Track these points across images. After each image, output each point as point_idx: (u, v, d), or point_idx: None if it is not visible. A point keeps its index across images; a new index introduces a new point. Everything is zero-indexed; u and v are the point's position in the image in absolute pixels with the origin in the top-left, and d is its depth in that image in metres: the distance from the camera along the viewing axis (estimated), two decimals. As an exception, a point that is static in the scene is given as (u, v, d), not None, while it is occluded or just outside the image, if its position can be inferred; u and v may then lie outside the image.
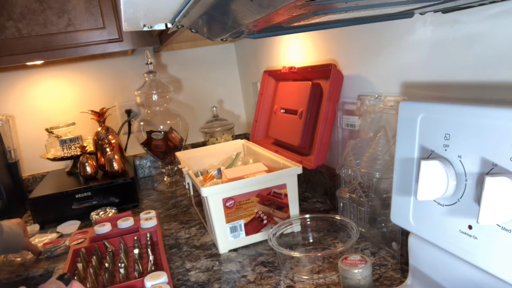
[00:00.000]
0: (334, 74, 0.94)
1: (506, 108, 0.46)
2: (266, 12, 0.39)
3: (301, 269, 0.79)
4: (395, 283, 0.70)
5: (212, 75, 1.79)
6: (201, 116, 1.75)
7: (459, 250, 0.53)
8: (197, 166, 1.25)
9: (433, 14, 0.65)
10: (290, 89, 1.18)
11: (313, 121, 1.05)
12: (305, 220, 0.92)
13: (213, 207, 0.88)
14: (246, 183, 0.90)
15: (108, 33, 1.34)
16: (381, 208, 0.80)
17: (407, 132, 0.61)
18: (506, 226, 0.46)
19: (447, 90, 0.66)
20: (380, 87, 0.84)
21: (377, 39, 0.82)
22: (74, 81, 1.63)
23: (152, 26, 0.60)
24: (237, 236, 0.91)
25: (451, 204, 0.54)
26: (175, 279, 0.83)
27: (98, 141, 1.44)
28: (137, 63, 1.67)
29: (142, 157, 1.72)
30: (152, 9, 0.51)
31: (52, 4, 1.26)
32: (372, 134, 0.82)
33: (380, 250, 0.82)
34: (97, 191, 1.29)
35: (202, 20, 0.52)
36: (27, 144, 1.61)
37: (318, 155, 0.99)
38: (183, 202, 1.33)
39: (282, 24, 0.50)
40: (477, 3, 0.55)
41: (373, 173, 0.79)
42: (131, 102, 1.68)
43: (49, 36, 1.28)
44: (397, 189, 0.64)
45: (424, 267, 0.64)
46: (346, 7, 0.44)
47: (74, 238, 0.97)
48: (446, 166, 0.52)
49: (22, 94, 1.58)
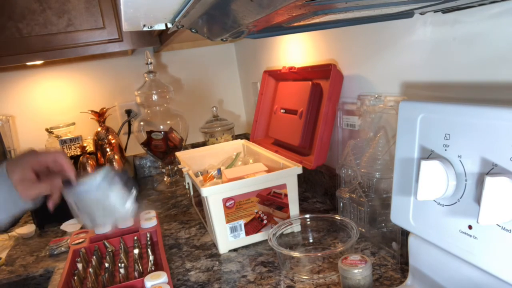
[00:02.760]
0: (334, 74, 0.94)
1: (506, 108, 0.46)
2: (266, 12, 0.39)
3: (301, 269, 0.79)
4: (395, 283, 0.70)
5: (212, 75, 1.79)
6: (201, 116, 1.75)
7: (459, 250, 0.53)
8: (197, 166, 1.25)
9: (433, 14, 0.65)
10: (290, 89, 1.18)
11: (313, 121, 1.05)
12: (305, 220, 0.92)
13: (213, 207, 0.88)
14: (246, 183, 0.90)
15: (108, 33, 1.34)
16: (381, 208, 0.80)
17: (407, 132, 0.61)
18: (506, 226, 0.46)
19: (447, 90, 0.66)
20: (380, 87, 0.84)
21: (377, 39, 0.82)
22: (74, 81, 1.63)
23: (152, 26, 0.60)
24: (237, 236, 0.91)
25: (451, 204, 0.54)
26: (175, 279, 0.83)
27: (98, 141, 1.44)
28: (137, 63, 1.67)
29: (142, 157, 1.72)
30: (152, 9, 0.51)
31: (52, 4, 1.26)
32: (372, 134, 0.82)
33: (380, 250, 0.82)
34: (97, 191, 1.29)
35: (202, 20, 0.52)
36: (27, 144, 1.61)
37: (318, 155, 0.99)
38: (183, 202, 1.33)
39: (282, 24, 0.50)
40: (477, 3, 0.55)
41: (373, 173, 0.79)
42: (131, 102, 1.68)
43: (49, 36, 1.28)
44: (397, 189, 0.64)
45: (424, 267, 0.64)
46: (346, 7, 0.44)
47: (74, 238, 0.97)
48: (446, 166, 0.52)
49: (22, 94, 1.58)
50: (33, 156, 0.70)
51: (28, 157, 0.69)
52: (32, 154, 0.70)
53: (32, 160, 0.69)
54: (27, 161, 0.69)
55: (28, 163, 0.69)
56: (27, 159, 0.69)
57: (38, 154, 0.70)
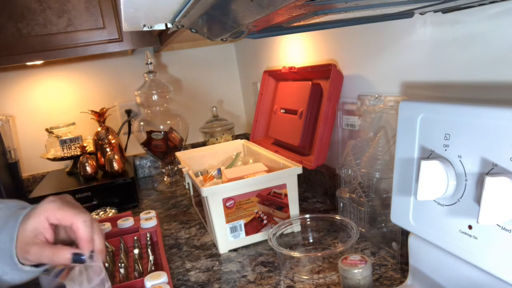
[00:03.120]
0: (334, 74, 0.94)
1: (506, 108, 0.46)
2: (266, 12, 0.39)
3: (301, 269, 0.79)
4: (395, 283, 0.70)
5: (212, 75, 1.79)
6: (201, 116, 1.75)
7: (459, 250, 0.53)
8: (197, 166, 1.25)
9: (433, 14, 0.65)
10: (290, 89, 1.18)
11: (313, 121, 1.05)
12: (305, 220, 0.92)
13: (213, 207, 0.88)
14: (246, 183, 0.90)
15: (108, 33, 1.34)
16: (381, 208, 0.80)
17: (407, 132, 0.61)
18: (506, 226, 0.46)
19: (447, 90, 0.66)
20: (380, 87, 0.84)
21: (377, 39, 0.82)
22: (74, 81, 1.63)
23: (152, 26, 0.60)
24: (237, 236, 0.91)
25: (451, 204, 0.54)
26: (175, 279, 0.83)
27: (98, 141, 1.44)
28: (137, 63, 1.67)
29: (142, 157, 1.72)
30: (152, 9, 0.51)
31: (52, 4, 1.26)
32: (372, 134, 0.82)
33: (380, 250, 0.82)
34: (97, 191, 1.29)
35: (202, 20, 0.52)
36: (27, 144, 1.61)
37: (318, 155, 0.99)
38: (183, 202, 1.33)
39: (282, 24, 0.50)
40: (477, 3, 0.55)
41: (373, 173, 0.79)
42: (131, 102, 1.68)
43: (49, 36, 1.28)
44: (397, 189, 0.64)
45: (424, 267, 0.64)
46: (346, 7, 0.44)
47: (74, 238, 0.97)
48: (446, 166, 0.52)
49: (22, 94, 1.58)
50: (52, 209, 0.57)
51: (46, 206, 0.58)
52: (52, 207, 0.58)
53: (50, 213, 0.57)
54: (43, 213, 0.57)
55: (43, 216, 0.57)
56: (44, 210, 0.57)
57: (57, 209, 0.57)
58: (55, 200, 0.58)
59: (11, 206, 0.62)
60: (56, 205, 0.57)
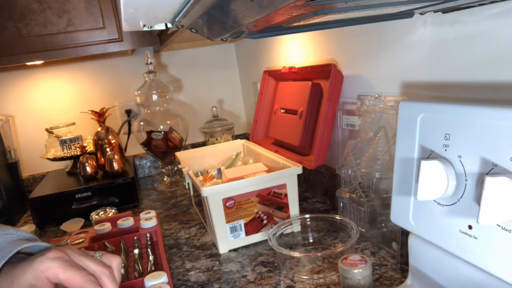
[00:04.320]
0: (334, 74, 0.94)
1: (506, 108, 0.46)
2: (266, 12, 0.39)
3: (301, 269, 0.79)
4: (395, 283, 0.70)
5: (212, 75, 1.79)
6: (201, 116, 1.75)
7: (459, 250, 0.53)
8: (197, 166, 1.25)
9: (433, 14, 0.65)
10: (290, 89, 1.18)
11: (313, 121, 1.05)
12: (305, 220, 0.92)
13: (213, 207, 0.88)
14: (246, 183, 0.90)
15: (108, 33, 1.34)
16: (381, 208, 0.80)
17: (407, 132, 0.61)
18: (506, 226, 0.46)
19: (447, 90, 0.66)
20: (380, 87, 0.84)
21: (377, 39, 0.82)
22: (74, 81, 1.63)
23: (152, 26, 0.60)
24: (237, 236, 0.91)
25: (451, 204, 0.54)
26: (175, 279, 0.83)
27: (98, 141, 1.44)
28: (137, 63, 1.67)
29: (142, 157, 1.72)
30: (152, 9, 0.51)
31: (52, 4, 1.26)
32: (372, 134, 0.82)
33: (380, 250, 0.82)
34: (97, 191, 1.30)
35: (202, 20, 0.52)
36: (27, 144, 1.61)
37: (318, 155, 0.99)
38: (183, 202, 1.33)
39: (282, 24, 0.50)
40: (477, 3, 0.55)
41: (373, 173, 0.79)
42: (131, 102, 1.68)
43: (49, 36, 1.28)
44: (397, 189, 0.64)
45: (424, 267, 0.64)
46: (346, 7, 0.44)
47: (74, 238, 0.97)
48: (446, 166, 0.52)
49: (22, 94, 1.58)
50: (54, 269, 0.48)
51: (48, 265, 0.48)
52: (54, 266, 0.48)
53: (51, 274, 0.48)
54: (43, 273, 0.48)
55: (43, 276, 0.48)
56: (44, 269, 0.48)
57: (61, 271, 0.48)
58: (58, 258, 0.49)
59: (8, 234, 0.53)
60: (59, 265, 0.48)
